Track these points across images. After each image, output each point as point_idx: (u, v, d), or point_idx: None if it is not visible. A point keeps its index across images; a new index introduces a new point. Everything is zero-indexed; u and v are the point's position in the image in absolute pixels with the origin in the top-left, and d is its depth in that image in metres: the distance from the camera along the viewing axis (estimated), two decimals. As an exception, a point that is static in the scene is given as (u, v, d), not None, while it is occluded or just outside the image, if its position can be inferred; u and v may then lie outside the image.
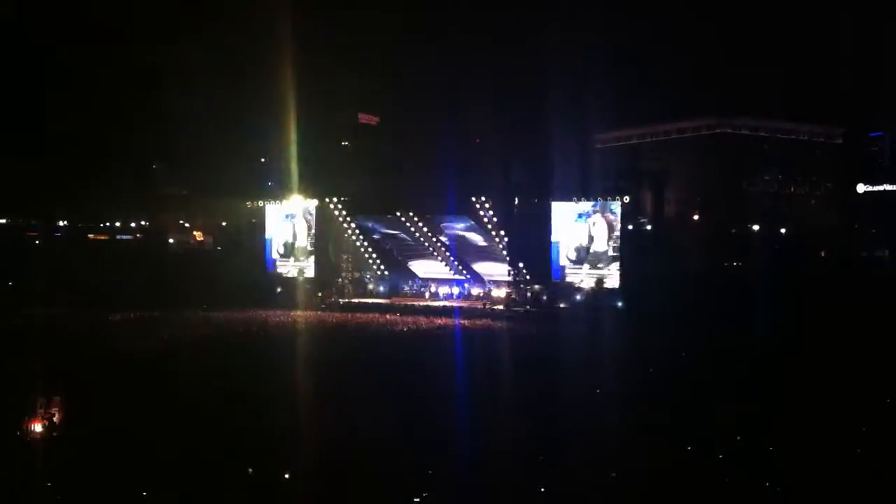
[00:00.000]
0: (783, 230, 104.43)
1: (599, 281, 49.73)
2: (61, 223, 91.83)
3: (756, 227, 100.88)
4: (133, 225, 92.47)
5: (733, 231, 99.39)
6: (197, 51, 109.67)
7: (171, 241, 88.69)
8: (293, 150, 69.55)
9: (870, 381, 24.84)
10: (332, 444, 17.35)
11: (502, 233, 52.41)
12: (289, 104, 78.99)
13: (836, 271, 63.86)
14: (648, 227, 59.51)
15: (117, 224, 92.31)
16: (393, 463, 16.03)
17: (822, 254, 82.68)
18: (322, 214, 59.48)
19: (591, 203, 50.22)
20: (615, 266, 49.45)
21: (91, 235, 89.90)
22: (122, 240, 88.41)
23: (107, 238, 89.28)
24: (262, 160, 77.81)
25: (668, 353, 31.89)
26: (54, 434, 17.79)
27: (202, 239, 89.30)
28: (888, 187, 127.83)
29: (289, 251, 60.89)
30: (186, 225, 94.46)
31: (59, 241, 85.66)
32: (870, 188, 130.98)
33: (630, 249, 50.86)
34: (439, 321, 45.20)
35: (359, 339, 36.81)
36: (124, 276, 54.17)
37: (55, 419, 18.23)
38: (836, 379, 25.40)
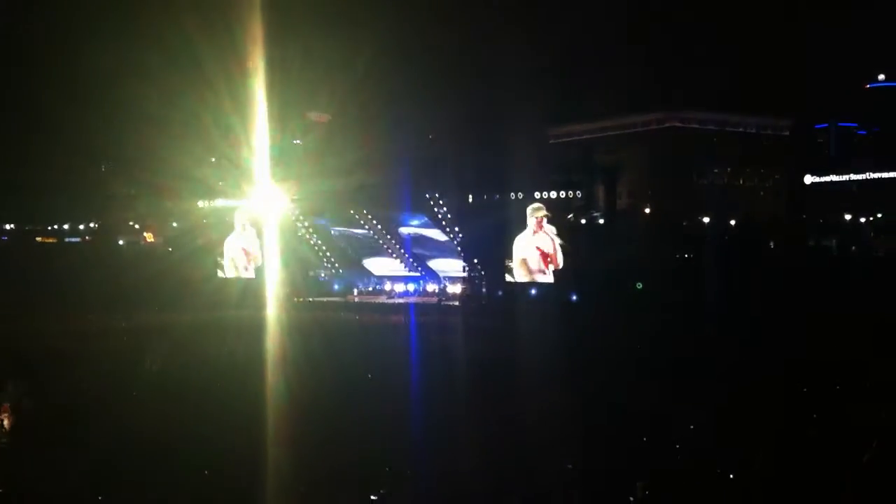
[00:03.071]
0: (733, 221, 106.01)
1: (552, 274, 49.99)
2: (8, 226, 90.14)
3: (706, 219, 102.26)
4: (82, 227, 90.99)
5: (684, 223, 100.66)
6: (146, 51, 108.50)
7: (120, 242, 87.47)
8: (244, 149, 68.96)
9: (818, 368, 25.28)
10: (294, 442, 17.24)
11: (457, 229, 52.46)
12: (239, 103, 78.30)
13: (784, 261, 64.83)
14: (601, 221, 60.08)
15: (66, 226, 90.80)
16: (352, 459, 15.99)
17: (771, 244, 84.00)
18: (275, 213, 58.99)
19: (544, 198, 50.40)
20: (568, 259, 49.70)
21: (39, 238, 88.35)
22: (70, 242, 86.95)
23: (55, 241, 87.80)
24: (213, 160, 77.01)
25: (621, 344, 32.13)
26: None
27: (153, 240, 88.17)
28: (834, 178, 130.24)
29: (241, 251, 60.29)
30: (136, 226, 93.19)
31: (6, 244, 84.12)
32: (816, 179, 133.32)
33: (583, 243, 51.23)
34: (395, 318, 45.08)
35: (314, 338, 36.52)
36: (73, 279, 53.36)
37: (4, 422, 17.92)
38: (787, 366, 25.82)
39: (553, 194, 49.83)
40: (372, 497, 13.82)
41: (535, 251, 50.57)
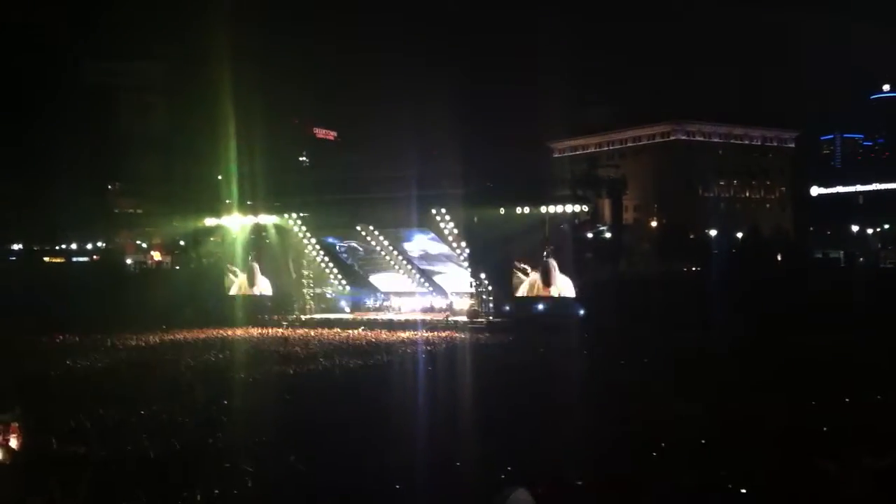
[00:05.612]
0: (739, 234, 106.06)
1: (559, 288, 49.94)
2: (15, 246, 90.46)
3: (713, 232, 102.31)
4: (89, 247, 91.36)
5: (691, 236, 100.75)
6: (151, 69, 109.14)
7: (128, 261, 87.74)
8: (251, 166, 69.24)
9: (826, 381, 25.20)
10: (294, 462, 17.16)
11: (463, 244, 52.46)
12: (246, 119, 78.63)
13: (792, 273, 64.77)
14: (607, 235, 60.17)
15: (73, 246, 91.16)
16: (356, 478, 15.93)
17: (778, 256, 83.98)
18: (281, 230, 59.08)
19: (550, 211, 50.28)
20: (575, 273, 49.61)
21: (46, 258, 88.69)
22: (78, 262, 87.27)
23: (62, 260, 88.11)
24: (219, 177, 77.37)
25: (630, 358, 32.07)
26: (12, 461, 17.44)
27: (160, 259, 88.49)
28: (841, 189, 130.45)
29: (247, 269, 60.34)
30: (143, 245, 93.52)
31: (14, 264, 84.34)
32: (823, 190, 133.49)
33: (589, 256, 51.23)
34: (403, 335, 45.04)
35: (320, 354, 36.49)
36: (81, 299, 53.58)
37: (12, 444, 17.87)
38: (795, 379, 25.75)
39: (559, 208, 49.69)
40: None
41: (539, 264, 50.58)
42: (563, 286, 49.56)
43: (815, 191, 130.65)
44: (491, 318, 51.18)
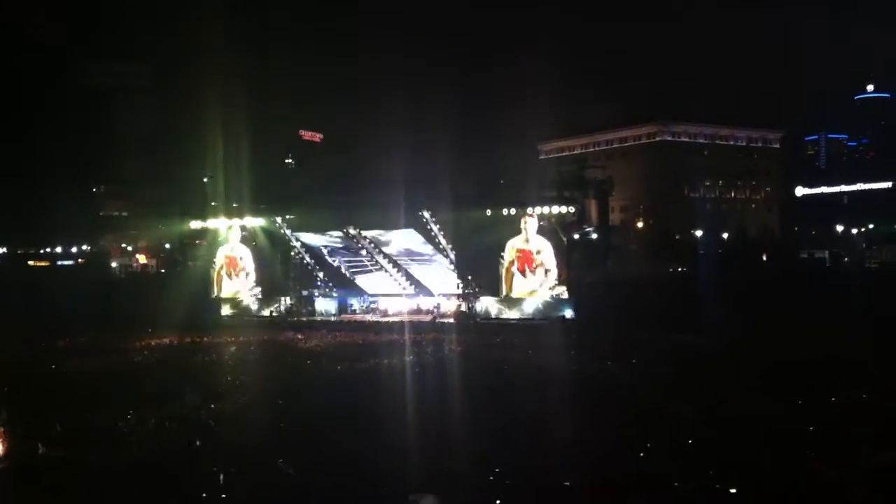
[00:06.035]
0: (725, 234, 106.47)
1: (548, 290, 50.00)
2: (0, 249, 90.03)
3: (699, 233, 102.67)
4: (74, 250, 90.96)
5: (677, 237, 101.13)
6: (138, 73, 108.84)
7: (113, 265, 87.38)
8: (236, 168, 69.11)
9: (814, 380, 25.23)
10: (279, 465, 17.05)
11: (450, 246, 52.40)
12: (231, 121, 78.47)
13: (777, 273, 65.03)
14: (594, 236, 60.28)
15: (58, 249, 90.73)
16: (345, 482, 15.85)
17: (764, 256, 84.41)
18: (267, 232, 58.93)
19: (537, 212, 50.32)
20: (563, 275, 49.66)
21: (31, 262, 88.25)
22: (63, 265, 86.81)
23: (47, 264, 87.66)
24: (205, 180, 77.06)
25: (618, 359, 32.03)
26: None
27: (146, 262, 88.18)
28: (825, 189, 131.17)
29: (233, 270, 60.14)
30: (129, 248, 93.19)
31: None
32: (808, 191, 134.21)
33: (576, 257, 51.27)
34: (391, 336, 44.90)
35: (308, 357, 36.39)
36: (66, 303, 53.26)
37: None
38: (781, 379, 25.80)
39: (546, 209, 49.74)
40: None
41: (517, 253, 50.69)
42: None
43: (800, 191, 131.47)
44: (479, 319, 51.18)
